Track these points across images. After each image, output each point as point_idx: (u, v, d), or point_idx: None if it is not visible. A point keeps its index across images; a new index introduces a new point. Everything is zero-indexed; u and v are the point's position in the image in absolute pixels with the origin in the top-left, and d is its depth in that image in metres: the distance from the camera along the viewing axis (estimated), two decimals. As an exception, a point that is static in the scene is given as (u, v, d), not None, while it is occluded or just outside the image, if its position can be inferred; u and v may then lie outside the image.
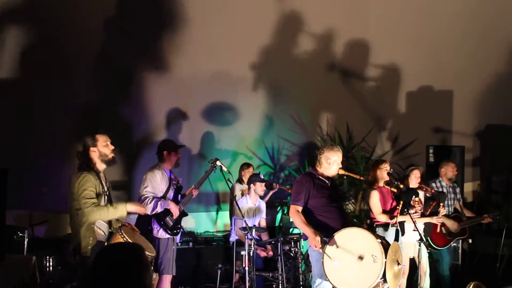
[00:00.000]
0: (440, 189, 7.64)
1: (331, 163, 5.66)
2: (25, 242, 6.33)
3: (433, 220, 7.01)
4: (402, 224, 6.58)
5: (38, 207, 7.55)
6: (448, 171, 7.77)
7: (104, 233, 5.21)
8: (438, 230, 7.43)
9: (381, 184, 6.65)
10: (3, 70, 7.51)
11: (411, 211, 6.39)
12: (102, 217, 5.14)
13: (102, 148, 5.25)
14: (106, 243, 5.11)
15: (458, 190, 7.95)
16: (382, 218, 6.51)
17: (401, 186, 6.51)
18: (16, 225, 6.64)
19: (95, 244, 5.03)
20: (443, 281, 7.57)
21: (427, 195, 7.13)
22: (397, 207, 6.34)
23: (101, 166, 5.30)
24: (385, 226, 6.54)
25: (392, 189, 6.61)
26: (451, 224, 7.54)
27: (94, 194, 5.10)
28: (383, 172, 6.60)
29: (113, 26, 8.05)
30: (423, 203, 7.07)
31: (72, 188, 5.12)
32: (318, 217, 5.55)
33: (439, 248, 7.48)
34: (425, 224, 7.07)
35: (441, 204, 7.01)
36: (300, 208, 5.56)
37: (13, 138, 7.39)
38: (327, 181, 5.70)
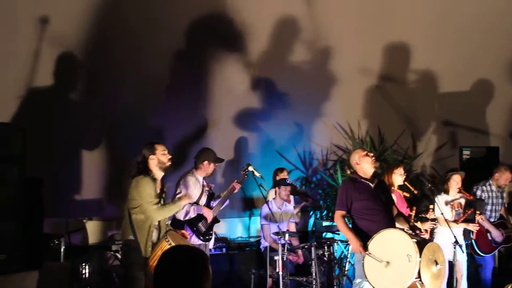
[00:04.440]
0: (490, 193, 7.52)
1: (359, 163, 5.76)
2: (62, 250, 6.42)
3: (469, 226, 6.92)
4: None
5: (74, 214, 7.65)
6: (502, 178, 7.60)
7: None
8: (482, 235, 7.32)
9: (395, 188, 6.62)
10: (38, 77, 7.59)
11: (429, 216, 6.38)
12: (166, 215, 5.54)
13: (160, 156, 5.53)
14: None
15: (504, 195, 7.81)
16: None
17: (416, 192, 6.47)
18: (53, 233, 6.74)
19: (151, 246, 5.36)
20: (484, 286, 7.44)
21: (469, 199, 7.04)
22: (411, 213, 6.26)
23: (158, 173, 5.55)
24: None
25: (404, 193, 6.61)
26: (498, 235, 7.43)
27: (155, 195, 5.40)
28: (397, 177, 6.59)
29: (148, 36, 8.11)
30: (463, 208, 6.99)
31: (131, 189, 5.44)
32: (362, 220, 5.64)
33: (484, 255, 7.38)
34: (464, 230, 6.98)
35: (478, 212, 6.90)
36: (343, 213, 5.71)
37: (48, 147, 7.48)
38: (371, 184, 5.74)
